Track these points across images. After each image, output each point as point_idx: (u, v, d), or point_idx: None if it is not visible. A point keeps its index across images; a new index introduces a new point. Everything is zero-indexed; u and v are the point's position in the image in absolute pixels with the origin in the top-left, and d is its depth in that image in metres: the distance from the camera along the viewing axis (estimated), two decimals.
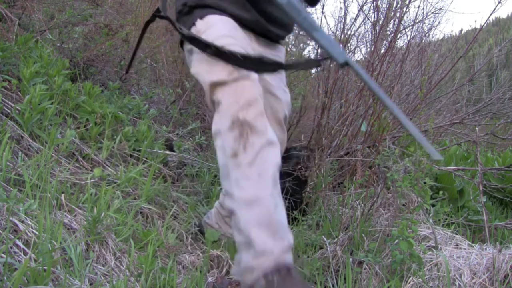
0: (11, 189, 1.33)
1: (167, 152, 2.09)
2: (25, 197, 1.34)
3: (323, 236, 1.71)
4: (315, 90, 2.71)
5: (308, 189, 2.16)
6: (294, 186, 2.00)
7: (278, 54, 1.46)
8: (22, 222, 1.20)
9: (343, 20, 2.84)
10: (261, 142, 1.05)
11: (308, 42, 3.67)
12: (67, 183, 1.52)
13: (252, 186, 1.00)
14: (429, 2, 5.89)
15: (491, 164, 3.50)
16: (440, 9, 3.72)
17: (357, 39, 2.88)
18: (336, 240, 1.64)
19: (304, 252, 1.66)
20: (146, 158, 1.96)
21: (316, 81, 2.79)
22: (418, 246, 1.52)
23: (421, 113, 2.88)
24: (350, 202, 2.03)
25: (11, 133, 1.58)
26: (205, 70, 1.12)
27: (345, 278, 1.46)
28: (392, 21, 2.37)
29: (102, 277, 1.19)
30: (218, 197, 1.80)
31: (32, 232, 1.18)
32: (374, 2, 2.49)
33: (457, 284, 1.41)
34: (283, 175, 2.03)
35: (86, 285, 1.14)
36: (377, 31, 2.39)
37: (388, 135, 2.23)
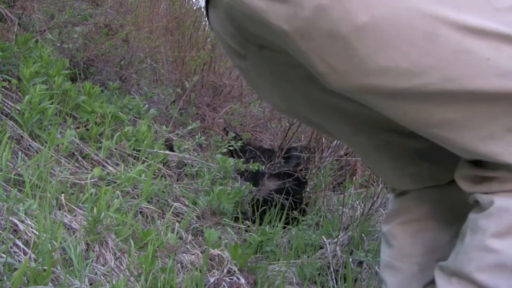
0: (11, 189, 1.33)
1: (167, 152, 2.09)
2: (25, 197, 1.34)
3: (323, 236, 1.71)
4: None
5: (308, 189, 2.16)
6: (294, 186, 2.00)
7: None
8: (22, 222, 1.20)
9: None
10: None
11: None
12: (67, 183, 1.52)
13: None
14: None
15: None
16: None
17: None
18: (336, 240, 1.64)
19: (304, 252, 1.66)
20: (146, 158, 1.96)
21: None
22: None
23: None
24: (350, 202, 2.03)
25: (11, 133, 1.58)
26: None
27: (345, 278, 1.46)
28: None
29: (102, 277, 1.19)
30: (218, 196, 1.80)
31: (32, 232, 1.18)
32: None
33: None
34: (283, 175, 2.03)
35: (86, 285, 1.14)
36: None
37: None
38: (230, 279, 1.34)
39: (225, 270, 1.38)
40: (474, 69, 0.58)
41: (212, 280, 1.30)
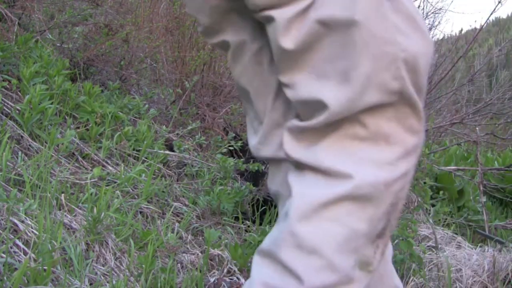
0: (11, 189, 1.33)
1: (167, 152, 2.09)
2: (25, 197, 1.34)
3: None
4: None
5: None
6: None
7: None
8: (22, 222, 1.20)
9: None
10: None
11: None
12: (67, 183, 1.52)
13: None
14: (429, 2, 5.90)
15: (491, 164, 3.50)
16: (440, 9, 3.72)
17: None
18: None
19: None
20: (146, 158, 1.96)
21: None
22: (418, 246, 1.52)
23: None
24: None
25: (11, 133, 1.58)
26: None
27: None
28: None
29: (102, 277, 1.19)
30: (218, 196, 1.80)
31: (32, 232, 1.18)
32: None
33: (457, 284, 1.41)
34: None
35: (86, 285, 1.14)
36: None
37: None
38: (230, 279, 1.34)
39: (225, 270, 1.38)
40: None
41: (212, 280, 1.30)
